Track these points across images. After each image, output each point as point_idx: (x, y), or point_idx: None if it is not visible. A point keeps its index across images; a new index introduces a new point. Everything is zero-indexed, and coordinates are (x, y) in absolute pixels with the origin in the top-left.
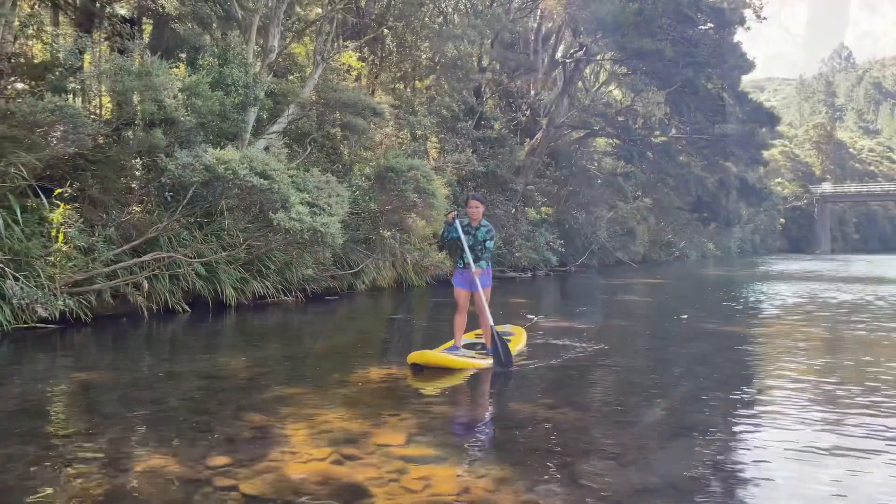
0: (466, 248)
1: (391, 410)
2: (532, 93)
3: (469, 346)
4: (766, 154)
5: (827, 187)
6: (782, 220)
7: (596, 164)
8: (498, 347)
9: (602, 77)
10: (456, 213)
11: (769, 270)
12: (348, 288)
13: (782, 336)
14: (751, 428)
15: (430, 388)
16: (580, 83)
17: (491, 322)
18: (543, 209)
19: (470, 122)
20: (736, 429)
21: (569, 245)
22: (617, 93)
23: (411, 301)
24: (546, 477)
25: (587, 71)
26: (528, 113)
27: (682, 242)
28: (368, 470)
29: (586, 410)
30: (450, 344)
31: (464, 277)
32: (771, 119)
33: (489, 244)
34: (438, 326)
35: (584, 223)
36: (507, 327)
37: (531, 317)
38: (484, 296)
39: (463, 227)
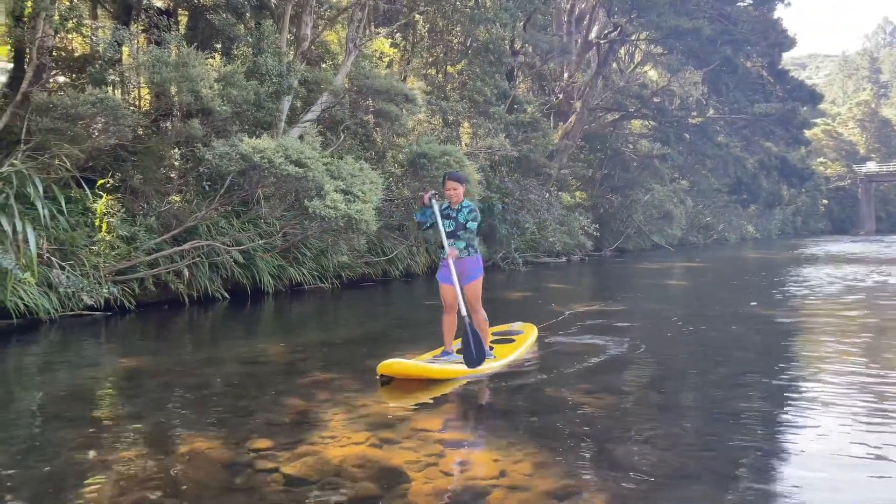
0: (443, 234)
1: (427, 395)
2: (565, 75)
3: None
4: (807, 133)
5: (871, 167)
6: (825, 201)
7: (631, 146)
8: (469, 340)
9: (637, 57)
10: (433, 192)
11: (811, 253)
12: (383, 274)
13: (824, 320)
14: (791, 414)
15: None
16: (614, 64)
17: (483, 316)
18: (578, 193)
19: (502, 107)
20: (776, 415)
21: (604, 229)
22: (652, 73)
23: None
24: (583, 462)
25: (622, 52)
26: (561, 96)
27: (720, 225)
28: (406, 453)
29: (623, 395)
30: (438, 351)
31: (449, 271)
32: (813, 97)
33: (471, 225)
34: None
35: (620, 207)
36: (516, 325)
37: (561, 310)
38: (474, 289)
39: (442, 211)
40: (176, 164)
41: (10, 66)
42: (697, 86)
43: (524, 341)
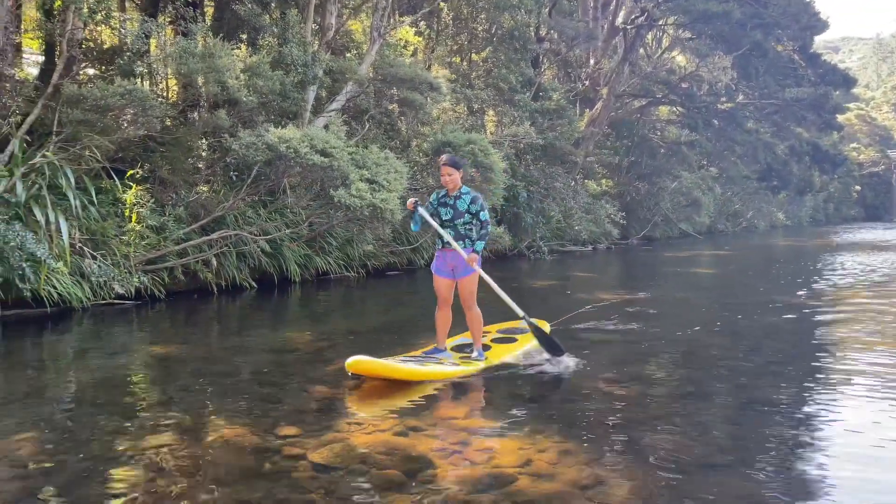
0: (438, 229)
1: (453, 383)
2: (591, 62)
3: (458, 349)
4: (840, 118)
5: None
6: (858, 188)
7: (658, 133)
8: (540, 336)
9: (665, 43)
10: (416, 200)
11: (843, 240)
12: (408, 263)
13: (857, 309)
14: (822, 405)
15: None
16: (642, 50)
17: (477, 314)
18: (604, 181)
19: (528, 94)
20: (807, 405)
21: (630, 217)
22: (680, 59)
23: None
24: (609, 451)
25: (649, 37)
26: (587, 83)
27: (749, 212)
28: (432, 441)
29: (650, 384)
30: (430, 347)
31: (444, 262)
32: (846, 81)
33: (484, 216)
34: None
35: (647, 195)
36: (524, 322)
37: (592, 299)
38: (469, 284)
39: (439, 198)
40: (203, 154)
41: (42, 58)
42: (726, 71)
43: (527, 342)
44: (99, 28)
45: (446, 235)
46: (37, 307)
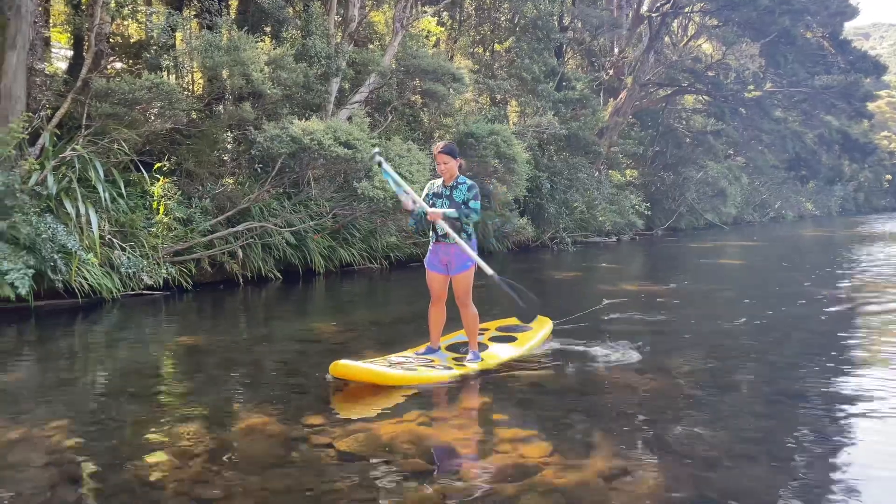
0: (407, 187)
1: (477, 374)
2: (616, 50)
3: (453, 348)
4: (871, 106)
5: None
6: (889, 177)
7: (684, 122)
8: (513, 293)
9: (691, 30)
10: (377, 151)
11: (874, 231)
12: None
13: (888, 300)
14: (851, 398)
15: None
16: (667, 38)
17: (473, 312)
18: (628, 171)
19: (551, 84)
20: (836, 398)
21: (655, 208)
22: (707, 46)
23: (493, 267)
24: (635, 442)
25: (674, 25)
26: (611, 72)
27: (777, 202)
28: (456, 431)
29: (676, 376)
30: (422, 347)
31: (437, 256)
32: (877, 68)
33: (474, 204)
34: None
35: (672, 185)
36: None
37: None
38: (464, 281)
39: (434, 189)
40: (229, 147)
41: (70, 53)
42: (754, 58)
43: (527, 340)
44: (126, 22)
45: (419, 201)
46: (69, 298)
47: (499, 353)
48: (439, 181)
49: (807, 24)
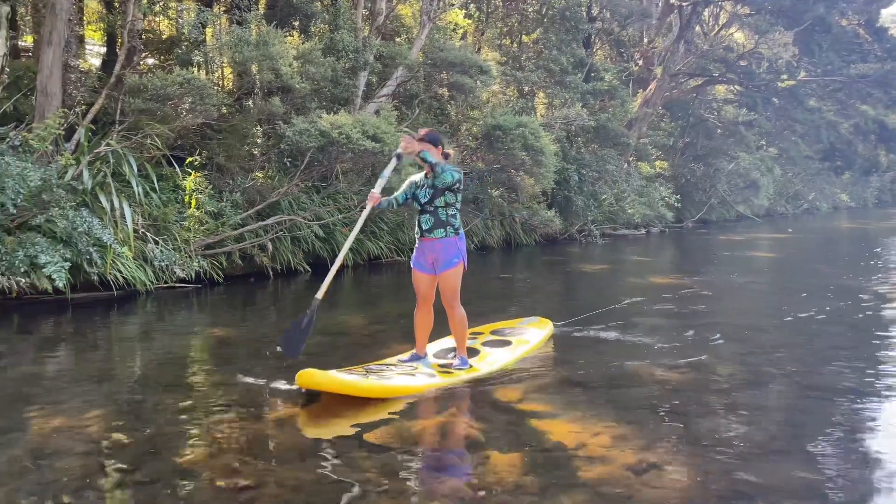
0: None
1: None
2: (645, 40)
3: (441, 354)
4: None
5: None
6: None
7: (715, 113)
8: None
9: (722, 19)
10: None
11: None
12: None
13: None
14: (884, 391)
15: (544, 346)
16: (698, 27)
17: (461, 315)
18: (658, 163)
19: (579, 75)
20: (868, 392)
21: (685, 200)
22: (739, 35)
23: (520, 260)
24: (664, 436)
25: (705, 13)
26: (640, 62)
27: (811, 194)
28: (484, 424)
29: (706, 369)
30: (406, 354)
31: (422, 254)
32: None
33: (448, 197)
34: (546, 287)
35: (703, 176)
36: (526, 321)
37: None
38: (451, 280)
39: (417, 181)
40: (258, 141)
41: (104, 49)
42: (787, 47)
43: (523, 345)
44: (157, 18)
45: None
46: (104, 290)
47: (490, 360)
48: (421, 175)
49: (842, 11)
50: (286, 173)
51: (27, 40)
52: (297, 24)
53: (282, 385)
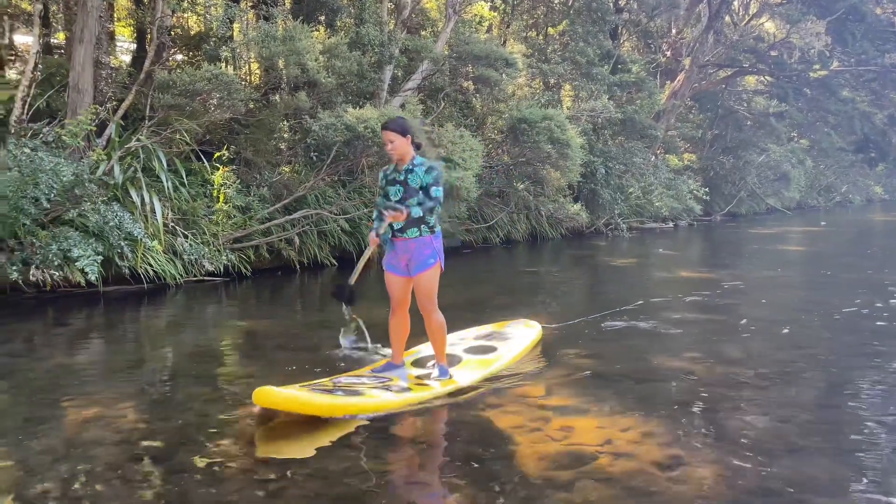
0: (383, 211)
1: (531, 362)
2: (673, 31)
3: (419, 363)
4: None
5: None
6: None
7: (745, 104)
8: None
9: (752, 9)
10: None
11: None
12: (482, 241)
13: None
14: None
15: (570, 341)
16: (727, 17)
17: (439, 321)
18: (686, 156)
19: (606, 67)
20: None
21: (714, 193)
22: (769, 25)
23: (546, 254)
24: (692, 432)
25: (735, 3)
26: (668, 53)
27: (844, 186)
28: (511, 418)
29: (735, 365)
30: (381, 363)
31: (395, 255)
32: None
33: (436, 191)
34: (573, 280)
35: (732, 169)
36: (513, 325)
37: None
38: (426, 282)
39: (387, 175)
40: (285, 135)
41: (133, 46)
42: (820, 36)
43: (509, 351)
44: (186, 15)
45: (384, 215)
46: (134, 283)
47: (473, 368)
48: (392, 166)
49: None
50: (312, 168)
51: (59, 38)
52: (322, 18)
53: (310, 377)
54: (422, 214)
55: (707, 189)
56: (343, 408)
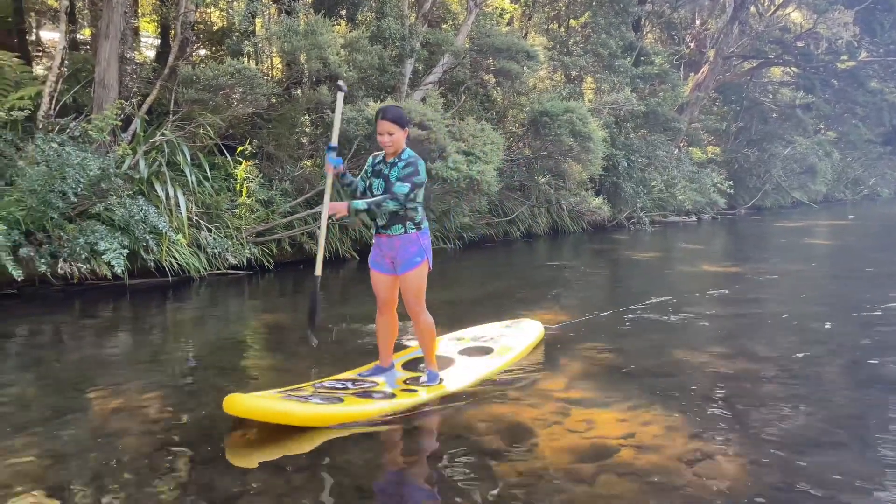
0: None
1: (552, 355)
2: (697, 22)
3: (409, 365)
4: None
5: None
6: None
7: (770, 96)
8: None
9: None
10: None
11: None
12: (503, 235)
13: None
14: None
15: (591, 335)
16: (753, 8)
17: (427, 322)
18: (710, 148)
19: (628, 59)
20: None
21: (738, 186)
22: (796, 15)
23: (567, 248)
24: (716, 426)
25: None
26: (692, 45)
27: (871, 179)
28: (532, 411)
29: (760, 359)
30: (369, 366)
31: (380, 252)
32: None
33: (399, 188)
34: (595, 274)
35: (756, 162)
36: (513, 324)
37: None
38: (413, 282)
39: (374, 164)
40: (307, 130)
41: (158, 41)
42: (847, 27)
43: (506, 353)
44: (209, 10)
45: (360, 203)
46: (160, 276)
47: (467, 372)
48: (380, 155)
49: None
50: None
51: (85, 34)
52: (344, 12)
53: (331, 368)
54: (394, 210)
55: (731, 182)
56: (325, 417)
